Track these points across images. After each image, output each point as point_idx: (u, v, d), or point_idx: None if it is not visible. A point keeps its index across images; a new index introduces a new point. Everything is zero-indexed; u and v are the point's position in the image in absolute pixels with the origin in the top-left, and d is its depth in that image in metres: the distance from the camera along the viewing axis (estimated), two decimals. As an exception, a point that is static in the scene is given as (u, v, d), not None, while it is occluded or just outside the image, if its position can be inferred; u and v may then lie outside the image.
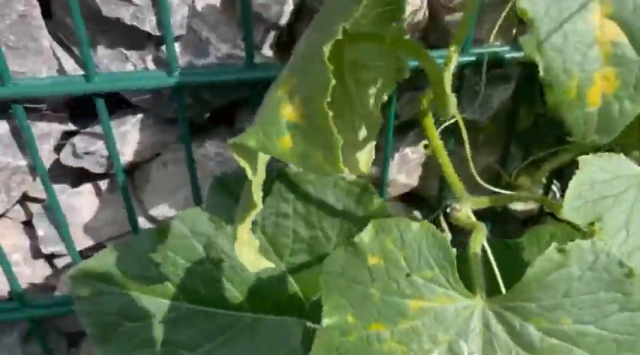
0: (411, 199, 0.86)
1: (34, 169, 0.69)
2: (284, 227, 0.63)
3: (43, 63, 0.61)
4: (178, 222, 0.63)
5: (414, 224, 0.40)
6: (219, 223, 0.63)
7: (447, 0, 0.67)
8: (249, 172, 0.39)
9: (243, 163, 0.39)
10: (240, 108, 0.74)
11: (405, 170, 0.78)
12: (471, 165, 0.57)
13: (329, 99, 0.33)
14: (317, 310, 0.63)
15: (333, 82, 0.33)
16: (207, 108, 0.71)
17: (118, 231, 0.78)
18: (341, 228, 0.63)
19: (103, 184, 0.75)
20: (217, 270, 0.63)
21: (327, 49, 0.33)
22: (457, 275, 0.40)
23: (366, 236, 0.40)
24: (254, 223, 0.60)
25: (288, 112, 0.36)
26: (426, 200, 0.85)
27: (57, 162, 0.71)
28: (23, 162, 0.67)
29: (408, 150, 0.77)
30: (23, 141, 0.66)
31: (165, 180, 0.74)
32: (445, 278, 0.40)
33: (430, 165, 0.81)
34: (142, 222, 0.76)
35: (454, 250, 0.40)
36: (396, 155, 0.77)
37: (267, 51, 0.68)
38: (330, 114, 0.33)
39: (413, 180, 0.80)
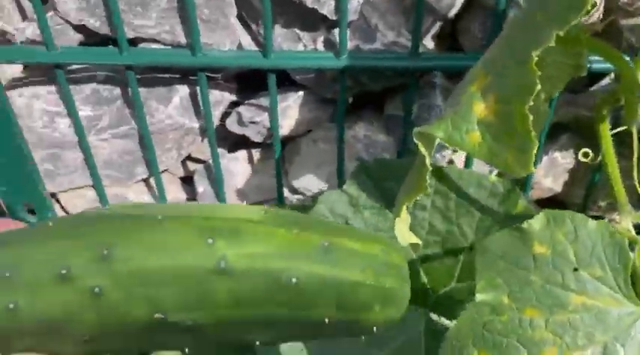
0: (550, 205, 0.84)
1: (203, 131, 0.76)
2: (420, 218, 0.64)
3: (227, 37, 0.67)
4: (321, 201, 0.65)
5: (590, 221, 0.40)
6: (357, 206, 0.65)
7: (628, 3, 0.64)
8: (427, 159, 0.41)
9: (423, 150, 0.41)
10: (391, 94, 0.76)
11: (552, 174, 0.76)
12: (636, 178, 0.54)
13: (532, 103, 0.33)
14: (442, 303, 0.64)
15: (539, 87, 0.33)
16: (363, 92, 0.74)
17: (262, 198, 0.84)
18: (479, 226, 0.62)
19: (256, 153, 0.81)
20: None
21: (535, 55, 0.33)
22: (629, 280, 0.39)
23: (536, 223, 0.40)
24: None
25: (480, 109, 0.36)
26: (566, 207, 0.83)
27: (218, 128, 0.78)
28: (196, 125, 0.75)
29: (557, 154, 0.75)
30: (198, 106, 0.73)
31: (313, 155, 0.79)
32: (615, 280, 0.39)
33: (577, 172, 0.78)
34: (285, 192, 0.82)
35: (632, 255, 0.39)
36: (545, 158, 0.75)
37: (428, 42, 0.70)
38: (531, 117, 0.34)
39: (558, 186, 0.78)
